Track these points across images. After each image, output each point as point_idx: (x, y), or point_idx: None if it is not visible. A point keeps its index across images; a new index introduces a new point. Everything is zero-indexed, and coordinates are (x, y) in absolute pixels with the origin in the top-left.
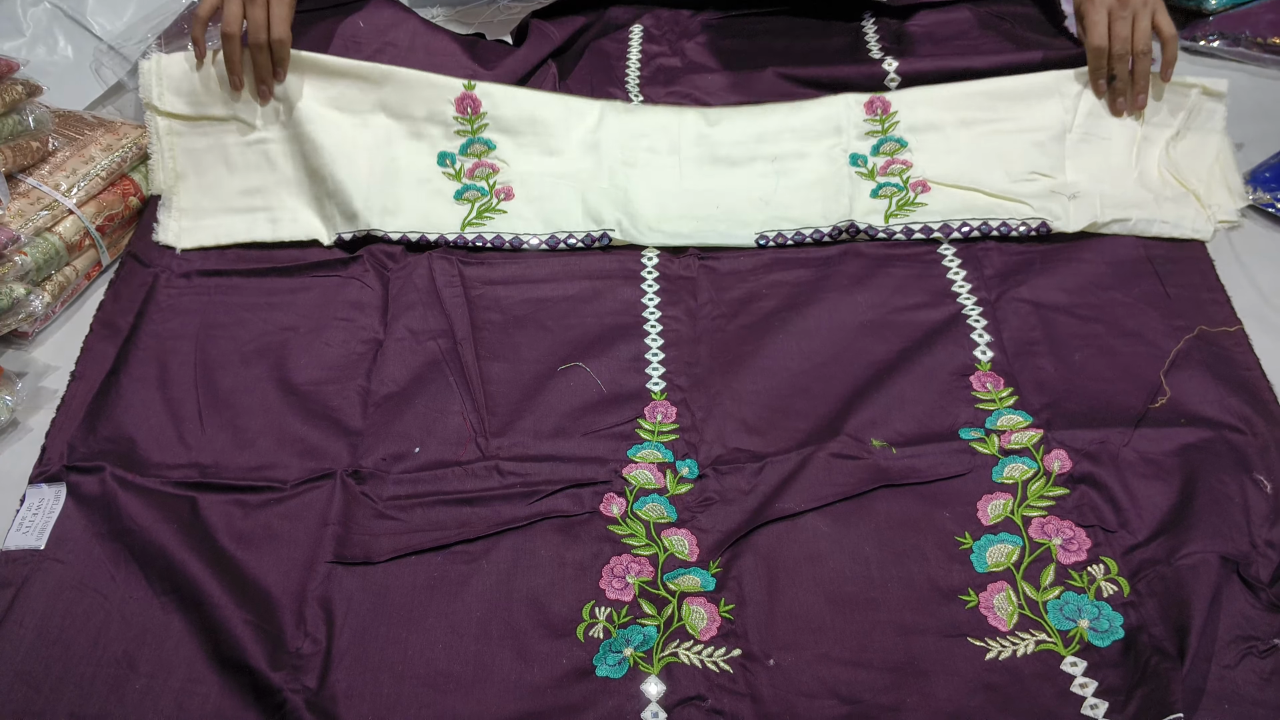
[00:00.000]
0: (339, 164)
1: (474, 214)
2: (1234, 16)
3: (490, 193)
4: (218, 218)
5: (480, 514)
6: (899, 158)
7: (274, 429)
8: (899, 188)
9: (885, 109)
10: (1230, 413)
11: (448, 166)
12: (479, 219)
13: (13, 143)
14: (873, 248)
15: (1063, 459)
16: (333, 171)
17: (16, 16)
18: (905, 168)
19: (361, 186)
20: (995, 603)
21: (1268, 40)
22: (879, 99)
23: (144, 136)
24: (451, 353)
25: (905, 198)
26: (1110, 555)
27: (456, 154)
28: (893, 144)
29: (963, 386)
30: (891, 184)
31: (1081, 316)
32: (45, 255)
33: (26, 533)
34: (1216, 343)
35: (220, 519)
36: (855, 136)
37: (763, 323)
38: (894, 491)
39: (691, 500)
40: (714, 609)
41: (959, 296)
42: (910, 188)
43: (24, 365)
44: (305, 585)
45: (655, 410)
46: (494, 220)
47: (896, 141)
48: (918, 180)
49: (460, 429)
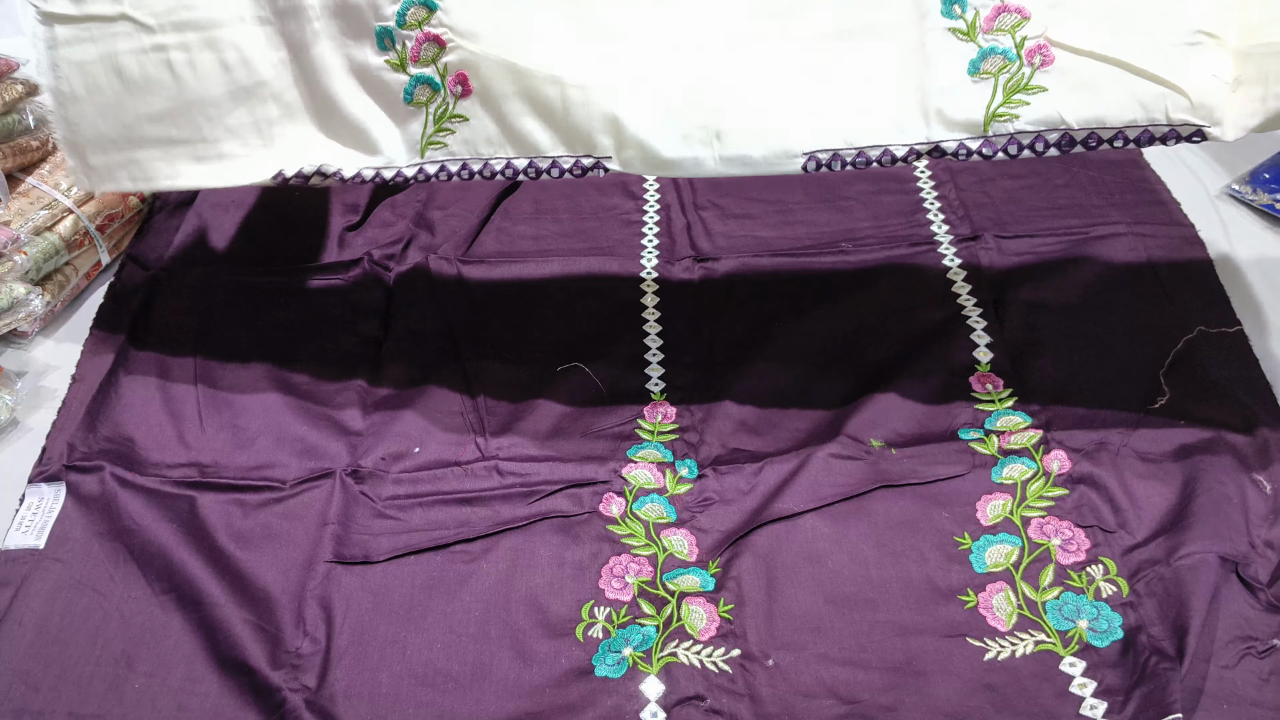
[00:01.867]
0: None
1: (431, 127)
2: None
3: (443, 85)
4: (127, 152)
5: (479, 514)
6: (1011, 4)
7: (273, 429)
8: (1011, 57)
9: None
10: (1230, 413)
11: (389, 50)
12: (439, 134)
13: (12, 142)
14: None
15: (1062, 459)
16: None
17: (16, 16)
18: (1021, 20)
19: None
20: (994, 603)
21: None
22: None
23: None
24: (451, 353)
25: (1019, 77)
26: (1109, 556)
27: (394, 27)
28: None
29: (962, 387)
30: (999, 50)
31: (1081, 317)
32: (45, 254)
33: (26, 532)
34: (1216, 343)
35: (219, 518)
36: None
37: (762, 324)
38: (893, 492)
39: (691, 500)
40: (713, 609)
41: (959, 297)
42: (1026, 57)
43: (24, 364)
44: (304, 584)
45: (655, 410)
46: (454, 135)
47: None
48: (1036, 45)
49: (460, 429)
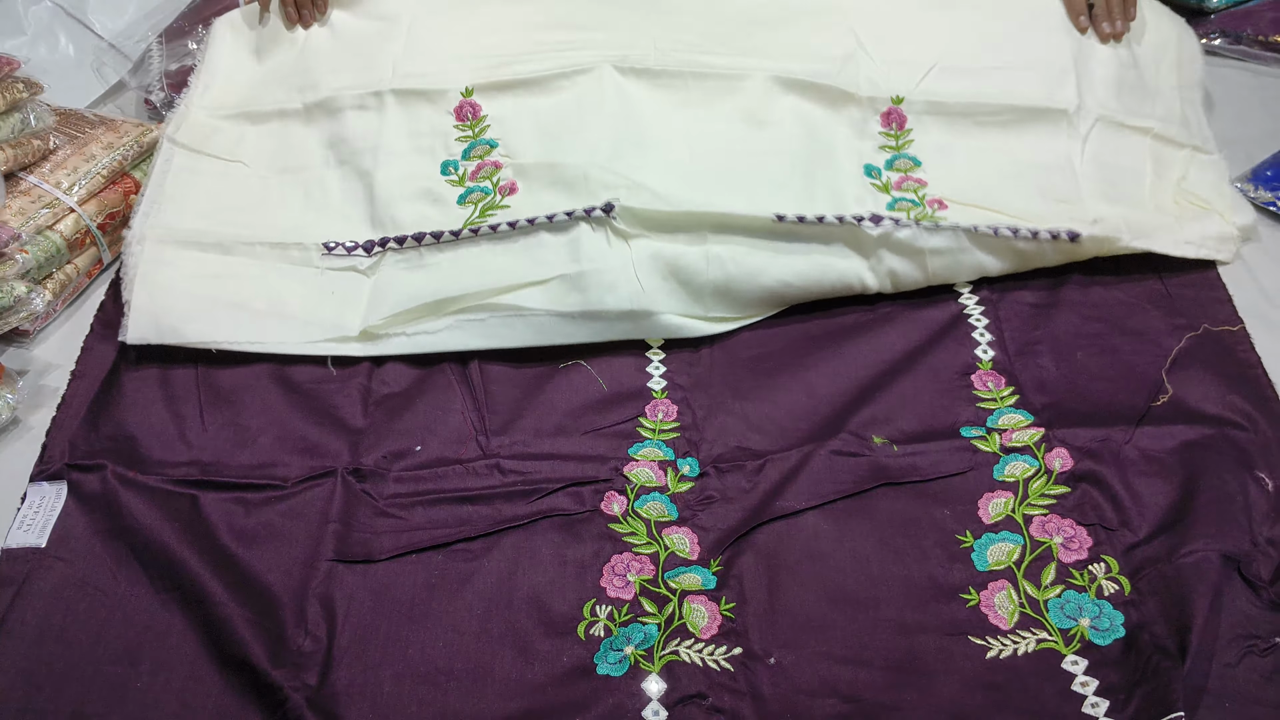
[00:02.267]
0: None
1: (477, 213)
2: (1236, 15)
3: (494, 190)
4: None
5: (481, 512)
6: (913, 176)
7: (275, 427)
8: (915, 203)
9: (900, 124)
10: (1232, 410)
11: (451, 174)
12: (481, 218)
13: (14, 141)
14: None
15: (1064, 457)
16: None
17: (18, 15)
18: (920, 185)
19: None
20: (996, 601)
21: (1269, 38)
22: (896, 112)
23: (145, 134)
24: (453, 352)
25: (923, 212)
26: (1111, 554)
27: (459, 159)
28: (907, 161)
29: (964, 385)
30: (907, 199)
31: (1083, 315)
32: (46, 253)
33: (28, 531)
34: (1218, 341)
35: (221, 517)
36: (871, 149)
37: (763, 322)
38: (895, 490)
39: (692, 498)
40: (715, 607)
41: (960, 295)
42: (927, 204)
43: (25, 363)
44: (306, 583)
45: (656, 408)
46: (495, 215)
47: (911, 160)
48: (934, 199)
49: (461, 427)
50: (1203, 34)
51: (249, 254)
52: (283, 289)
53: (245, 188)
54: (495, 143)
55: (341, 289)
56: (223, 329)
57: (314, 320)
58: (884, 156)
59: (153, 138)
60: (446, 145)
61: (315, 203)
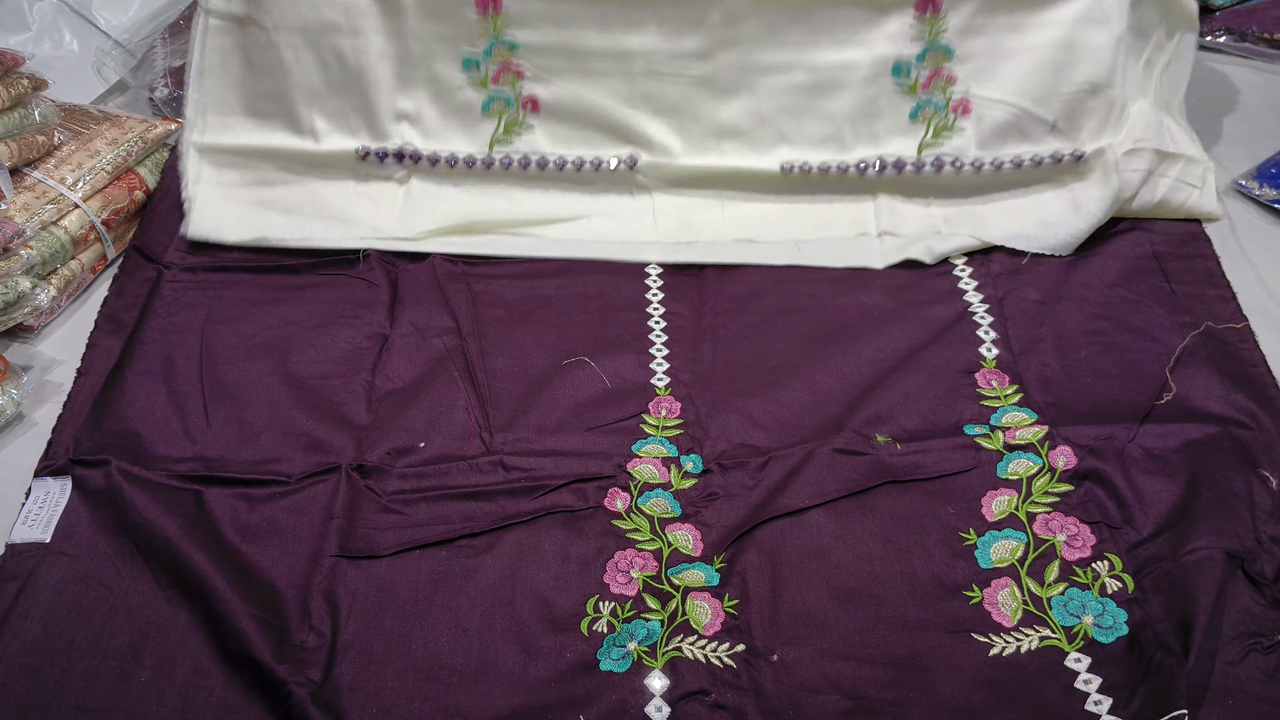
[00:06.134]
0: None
1: (501, 129)
2: (1241, 12)
3: (517, 104)
4: (239, 117)
5: (485, 509)
6: (944, 70)
7: (279, 423)
8: (940, 108)
9: (936, 9)
10: (1236, 408)
11: (473, 71)
12: (506, 135)
13: (18, 137)
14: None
15: (1068, 455)
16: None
17: (23, 11)
18: (949, 83)
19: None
20: (999, 599)
21: (1274, 36)
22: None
23: (149, 130)
24: (456, 348)
25: (944, 121)
26: (1115, 551)
27: (480, 58)
28: (939, 54)
29: (968, 383)
30: (933, 103)
31: (1087, 313)
32: (51, 249)
33: (32, 526)
34: (1222, 339)
35: (225, 512)
36: (903, 40)
37: (767, 319)
38: (898, 487)
39: (695, 495)
40: (718, 604)
41: (965, 294)
42: (951, 109)
43: (29, 359)
44: (310, 579)
45: (660, 405)
46: (520, 138)
47: (944, 50)
48: (959, 100)
49: (465, 424)
50: (1207, 31)
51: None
52: (325, 194)
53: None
54: (516, 45)
55: (376, 196)
56: (273, 229)
57: (353, 221)
58: (916, 49)
59: (157, 133)
60: (470, 36)
61: (334, 79)
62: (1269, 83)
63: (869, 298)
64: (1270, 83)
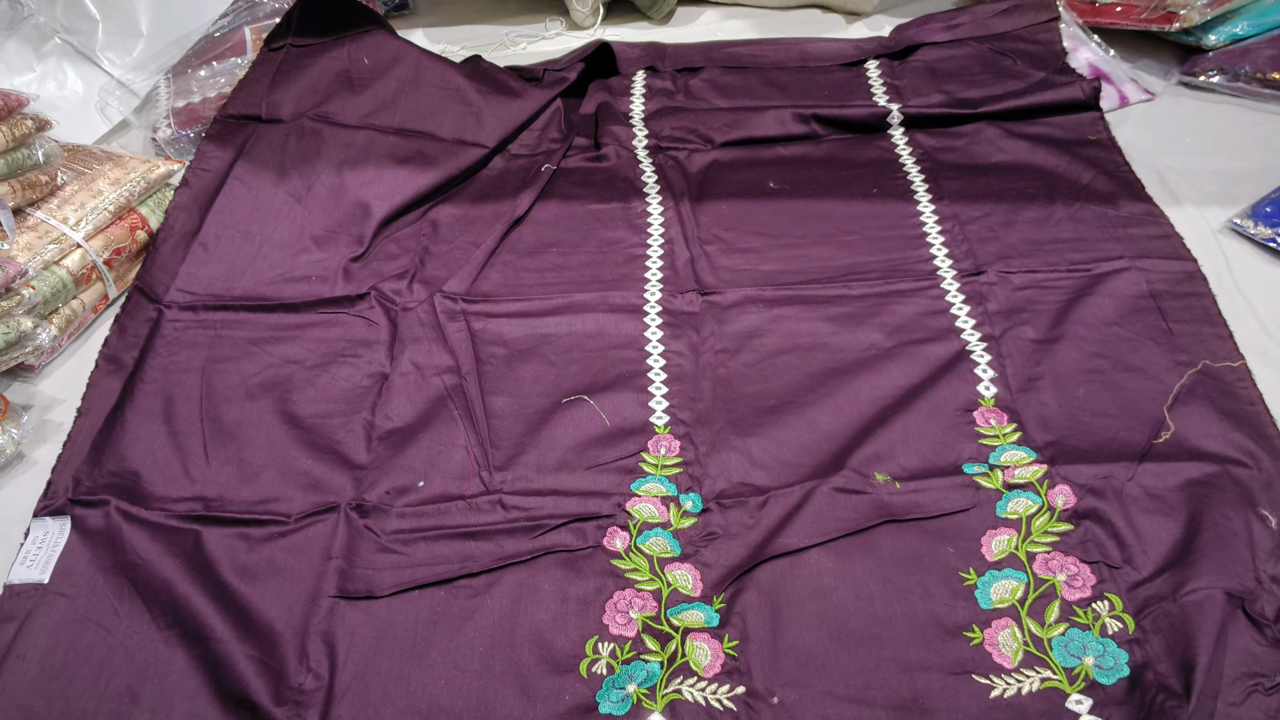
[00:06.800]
0: None
1: None
2: (1234, 52)
3: None
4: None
5: (483, 548)
6: None
7: (278, 462)
8: None
9: None
10: (1234, 447)
11: None
12: None
13: (22, 177)
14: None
15: (1066, 494)
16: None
17: (28, 52)
18: None
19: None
20: (1000, 639)
21: (1267, 75)
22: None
23: (151, 170)
24: (456, 387)
25: None
26: (1115, 591)
27: None
28: None
29: (966, 422)
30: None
31: (1084, 352)
32: (53, 288)
33: (31, 566)
34: (1219, 378)
35: (224, 552)
36: None
37: (766, 358)
38: (898, 526)
39: (695, 534)
40: (718, 645)
41: (963, 333)
42: None
43: (30, 398)
44: (308, 620)
45: (659, 444)
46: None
47: None
48: None
49: (464, 463)
50: (1201, 71)
51: None
52: None
53: None
54: None
55: None
56: None
57: None
58: None
59: (160, 173)
60: None
61: None
62: (1260, 122)
63: (867, 336)
64: (1262, 122)
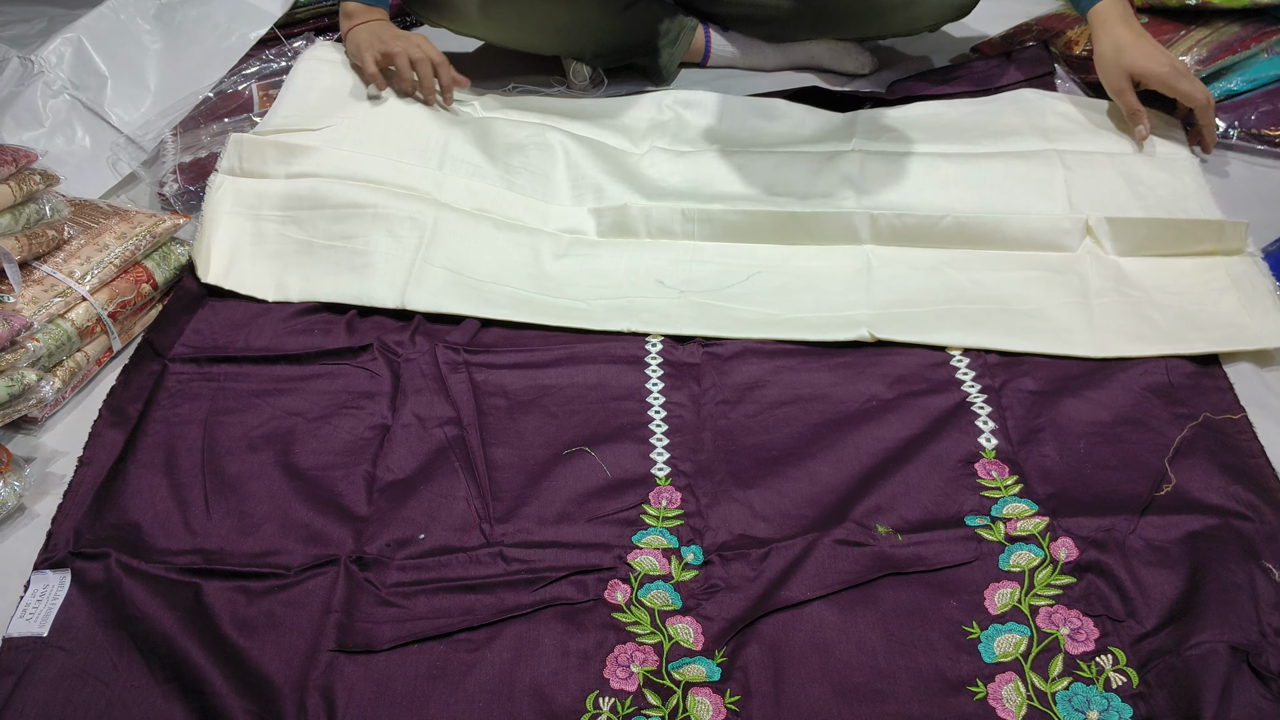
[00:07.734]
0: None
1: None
2: (1227, 108)
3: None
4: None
5: (484, 601)
6: None
7: (279, 515)
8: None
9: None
10: (1236, 500)
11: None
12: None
13: (30, 231)
14: None
15: (1069, 547)
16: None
17: (37, 107)
18: None
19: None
20: (1004, 694)
21: (1262, 131)
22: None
23: (157, 224)
24: (457, 439)
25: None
26: (1119, 645)
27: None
28: None
29: (968, 474)
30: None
31: (1086, 404)
32: (57, 341)
33: (30, 619)
34: (1220, 430)
35: (224, 606)
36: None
37: (767, 409)
38: (900, 579)
39: (696, 587)
40: (719, 700)
41: (963, 384)
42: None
43: (32, 450)
44: (307, 674)
45: (660, 495)
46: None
47: None
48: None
49: (465, 515)
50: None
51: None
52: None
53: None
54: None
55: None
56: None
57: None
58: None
59: (165, 227)
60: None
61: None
62: (1257, 176)
63: (868, 387)
64: (1260, 176)
